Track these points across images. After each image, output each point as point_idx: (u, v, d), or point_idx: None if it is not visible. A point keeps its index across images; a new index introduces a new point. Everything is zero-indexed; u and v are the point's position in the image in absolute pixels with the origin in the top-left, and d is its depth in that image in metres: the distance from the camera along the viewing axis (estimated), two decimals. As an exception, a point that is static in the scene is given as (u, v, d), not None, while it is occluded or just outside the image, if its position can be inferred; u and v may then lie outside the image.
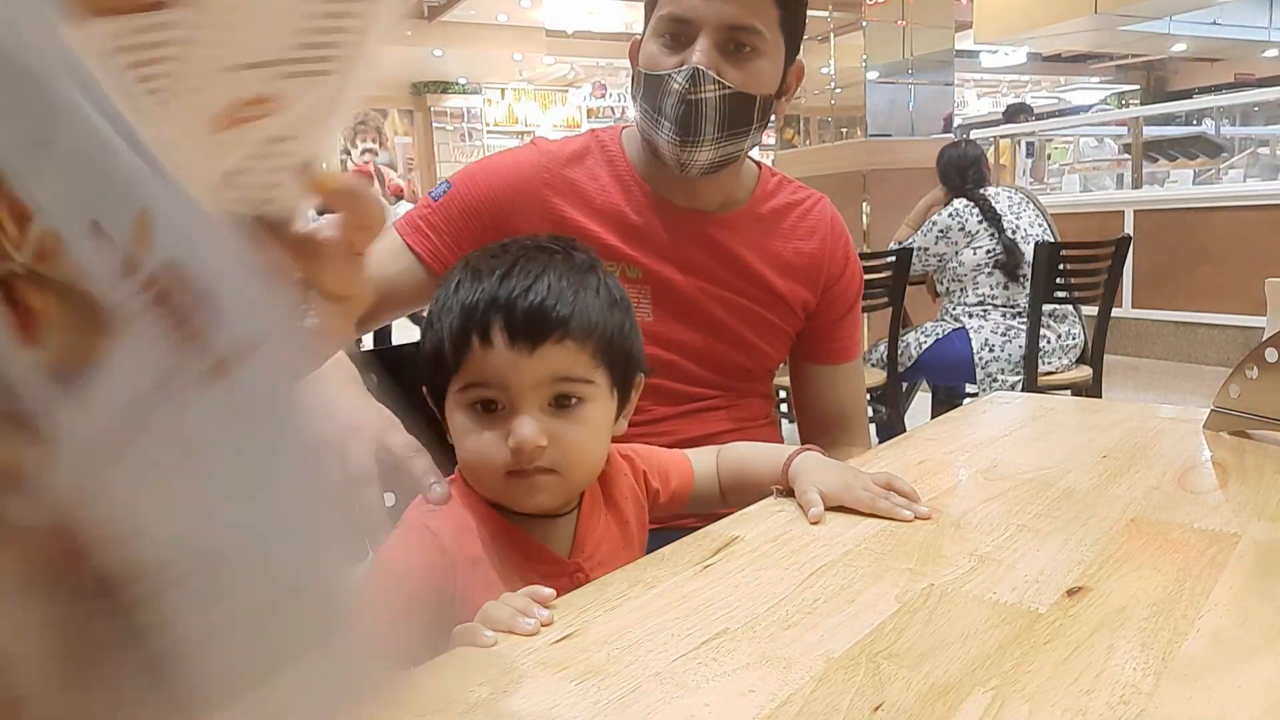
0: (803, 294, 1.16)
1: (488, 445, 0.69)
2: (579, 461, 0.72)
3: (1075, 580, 0.62)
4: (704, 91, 1.00)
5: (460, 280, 0.72)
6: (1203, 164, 6.19)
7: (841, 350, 1.23)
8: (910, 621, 0.57)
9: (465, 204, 1.09)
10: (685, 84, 1.00)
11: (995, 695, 0.48)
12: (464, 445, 0.71)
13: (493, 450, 0.69)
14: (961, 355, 2.94)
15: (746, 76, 1.02)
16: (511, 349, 0.68)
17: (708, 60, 1.00)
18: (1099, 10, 8.10)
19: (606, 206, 1.09)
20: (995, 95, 15.48)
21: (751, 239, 1.13)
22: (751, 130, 1.05)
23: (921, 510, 0.76)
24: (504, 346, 0.68)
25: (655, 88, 1.02)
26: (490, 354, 0.68)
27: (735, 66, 1.01)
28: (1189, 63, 13.75)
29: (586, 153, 1.12)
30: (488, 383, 0.69)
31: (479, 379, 0.69)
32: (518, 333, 0.68)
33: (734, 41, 1.01)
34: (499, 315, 0.68)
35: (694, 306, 1.11)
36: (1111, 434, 1.01)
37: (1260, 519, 0.72)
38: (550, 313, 0.68)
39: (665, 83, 1.01)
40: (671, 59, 1.01)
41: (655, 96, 1.02)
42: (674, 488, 0.86)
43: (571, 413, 0.70)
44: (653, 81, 1.02)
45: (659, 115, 1.03)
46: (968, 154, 3.16)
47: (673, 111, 1.01)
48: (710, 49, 1.00)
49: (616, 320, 0.73)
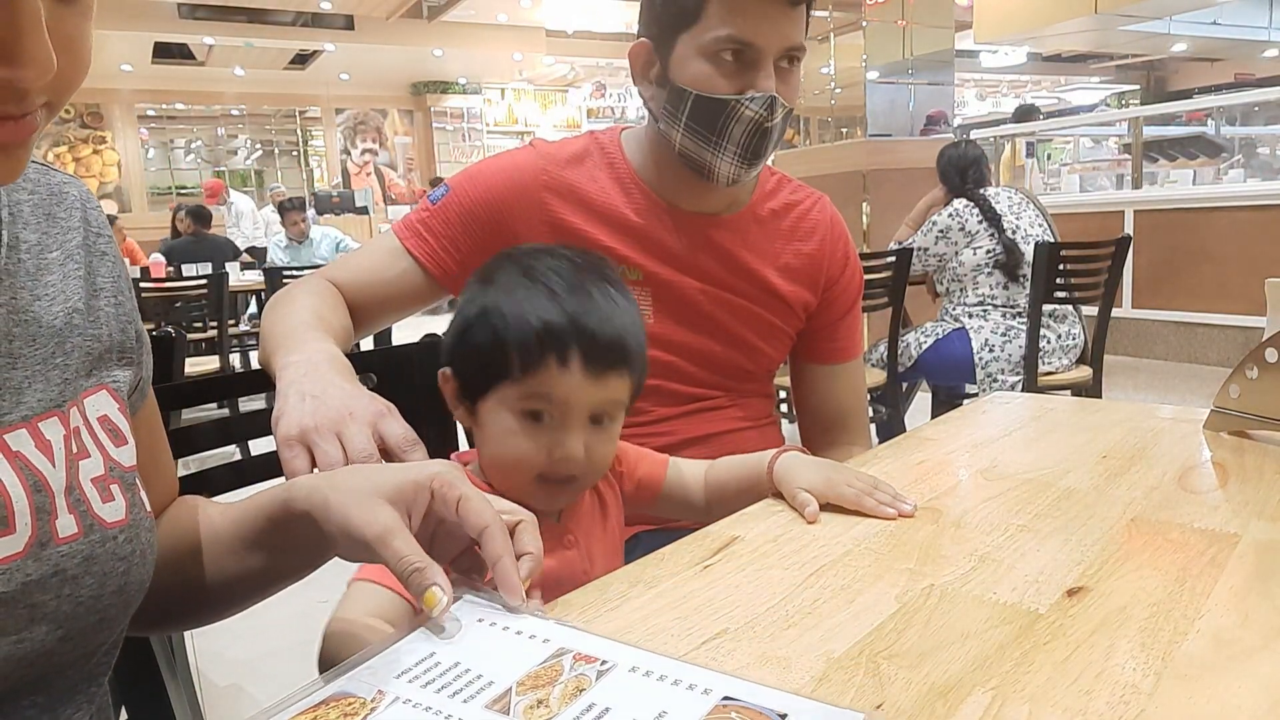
0: (803, 294, 1.16)
1: (528, 449, 0.73)
2: (598, 469, 0.78)
3: (1075, 580, 0.62)
4: (776, 118, 1.01)
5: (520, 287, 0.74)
6: (1203, 164, 6.19)
7: (842, 350, 1.23)
8: (910, 621, 0.57)
9: (463, 207, 1.08)
10: (762, 112, 0.99)
11: (995, 695, 0.48)
12: (503, 444, 0.75)
13: (532, 455, 0.73)
14: (961, 355, 2.94)
15: (792, 92, 1.03)
16: (585, 374, 0.72)
17: (776, 86, 1.00)
18: (1099, 10, 8.10)
19: (606, 208, 1.09)
20: (996, 95, 15.49)
21: (752, 240, 1.13)
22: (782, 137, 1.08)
23: (905, 508, 0.77)
24: (579, 371, 0.72)
25: (718, 111, 1.00)
26: (564, 376, 0.72)
27: (786, 84, 1.02)
28: (1189, 63, 13.76)
29: (586, 155, 1.12)
30: (551, 399, 0.73)
31: (544, 394, 0.72)
32: (594, 362, 0.72)
33: (786, 60, 1.01)
34: (581, 343, 0.72)
35: (694, 308, 1.10)
36: (1111, 434, 1.01)
37: (1260, 519, 0.72)
38: (623, 346, 0.74)
39: (733, 108, 1.00)
40: (733, 83, 1.00)
41: (717, 119, 1.01)
42: (640, 476, 0.88)
43: (603, 428, 0.76)
44: (714, 105, 1.00)
45: (720, 138, 1.01)
46: (968, 154, 3.16)
47: (744, 138, 1.01)
48: (773, 73, 1.00)
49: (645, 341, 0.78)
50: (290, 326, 0.92)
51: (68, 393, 0.55)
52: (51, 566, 0.51)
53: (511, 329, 0.73)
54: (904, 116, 5.46)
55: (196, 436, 0.92)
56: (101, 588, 0.53)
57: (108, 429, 0.57)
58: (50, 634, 0.51)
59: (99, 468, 0.55)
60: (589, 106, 14.20)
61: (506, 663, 0.49)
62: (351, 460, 0.74)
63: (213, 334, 4.37)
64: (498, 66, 12.63)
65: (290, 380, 0.81)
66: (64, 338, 0.56)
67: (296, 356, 0.85)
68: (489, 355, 0.74)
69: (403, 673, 0.48)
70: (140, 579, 0.57)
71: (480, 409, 0.77)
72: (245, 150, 13.49)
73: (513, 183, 1.08)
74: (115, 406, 0.59)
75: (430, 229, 1.09)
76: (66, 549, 0.51)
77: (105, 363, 0.59)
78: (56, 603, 0.51)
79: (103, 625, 0.54)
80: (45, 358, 0.54)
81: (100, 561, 0.53)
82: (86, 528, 0.53)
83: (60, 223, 0.60)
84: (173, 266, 5.88)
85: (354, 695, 0.46)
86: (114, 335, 0.60)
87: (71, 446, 0.54)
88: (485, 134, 13.54)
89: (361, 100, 13.20)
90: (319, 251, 6.11)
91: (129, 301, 0.64)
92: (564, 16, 10.90)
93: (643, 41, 1.07)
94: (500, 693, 0.46)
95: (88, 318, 0.58)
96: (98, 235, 0.62)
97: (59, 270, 0.58)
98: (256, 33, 10.33)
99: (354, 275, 1.08)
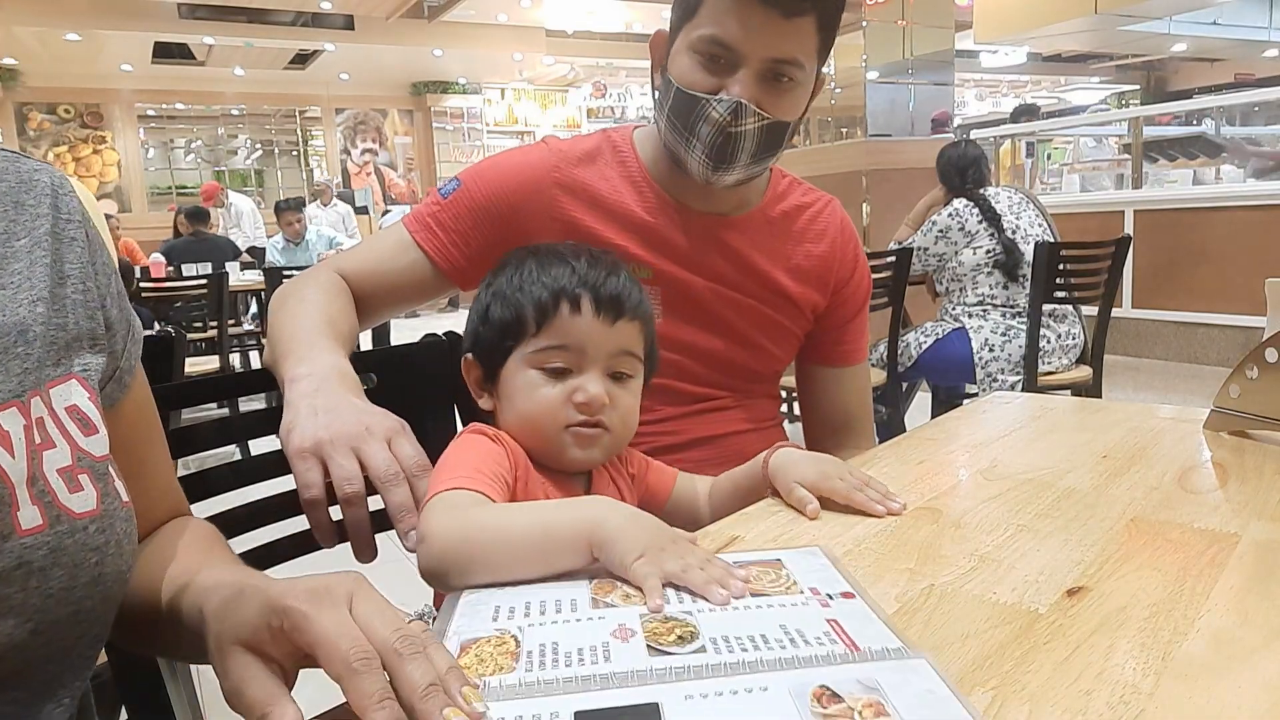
0: (813, 296, 1.16)
1: (554, 400, 0.78)
2: (626, 424, 0.82)
3: (1075, 580, 0.62)
4: (744, 125, 0.98)
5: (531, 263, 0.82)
6: (1202, 164, 6.18)
7: (849, 353, 1.22)
8: (910, 621, 0.57)
9: (474, 202, 1.08)
10: (726, 116, 0.97)
11: (995, 695, 0.48)
12: (531, 398, 0.79)
13: (558, 405, 0.78)
14: (961, 355, 2.94)
15: (784, 106, 1.00)
16: (596, 318, 0.79)
17: (750, 93, 0.97)
18: (1099, 10, 8.10)
19: (618, 207, 1.08)
20: (996, 95, 15.48)
21: (763, 241, 1.13)
22: (780, 150, 1.05)
23: (894, 506, 0.77)
24: (590, 315, 0.79)
25: (690, 108, 0.99)
26: (577, 320, 0.79)
27: (775, 96, 0.99)
28: (1189, 63, 13.75)
29: (598, 153, 1.11)
30: (567, 344, 0.78)
31: (561, 340, 0.78)
32: (604, 306, 0.79)
33: (775, 73, 0.98)
34: (589, 291, 0.79)
35: (704, 308, 1.10)
36: (1111, 434, 1.01)
37: (1260, 519, 0.72)
38: (627, 297, 0.81)
39: (702, 107, 0.98)
40: (709, 82, 0.98)
41: (689, 116, 1.00)
42: (650, 482, 0.91)
43: (624, 384, 0.81)
44: (688, 100, 1.00)
45: (691, 135, 1.01)
46: (968, 154, 3.16)
47: (709, 139, 0.99)
48: (752, 81, 0.97)
49: (652, 312, 0.86)
50: (299, 329, 0.92)
51: (28, 383, 0.54)
52: (14, 559, 0.50)
53: (526, 292, 0.80)
54: (904, 116, 5.46)
55: (196, 436, 0.92)
56: (73, 580, 0.52)
57: (76, 419, 0.56)
58: (19, 627, 0.50)
59: (66, 458, 0.54)
60: (589, 106, 14.18)
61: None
62: (373, 477, 0.73)
63: (213, 334, 4.37)
64: (498, 66, 12.62)
65: (301, 393, 0.82)
66: (26, 326, 0.55)
67: (306, 369, 0.85)
68: (506, 322, 0.80)
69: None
70: (117, 569, 0.56)
71: (502, 379, 0.81)
72: (245, 150, 13.47)
73: (524, 180, 1.08)
74: (85, 395, 0.57)
75: (440, 223, 1.08)
76: (31, 540, 0.50)
77: (73, 350, 0.58)
78: (23, 595, 0.50)
79: (78, 618, 0.53)
80: (5, 348, 0.53)
81: (69, 553, 0.52)
82: (52, 519, 0.52)
83: (29, 210, 0.59)
84: (173, 266, 5.88)
85: (508, 633, 0.53)
86: (81, 323, 0.59)
87: (34, 437, 0.53)
88: (485, 134, 13.52)
89: (361, 100, 13.19)
90: (314, 251, 6.11)
91: (104, 287, 0.62)
92: (564, 16, 10.89)
93: (662, 30, 1.07)
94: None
95: (52, 306, 0.57)
96: (67, 221, 0.61)
97: (25, 258, 0.57)
98: (256, 33, 10.32)
99: (361, 266, 1.08)
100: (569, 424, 0.78)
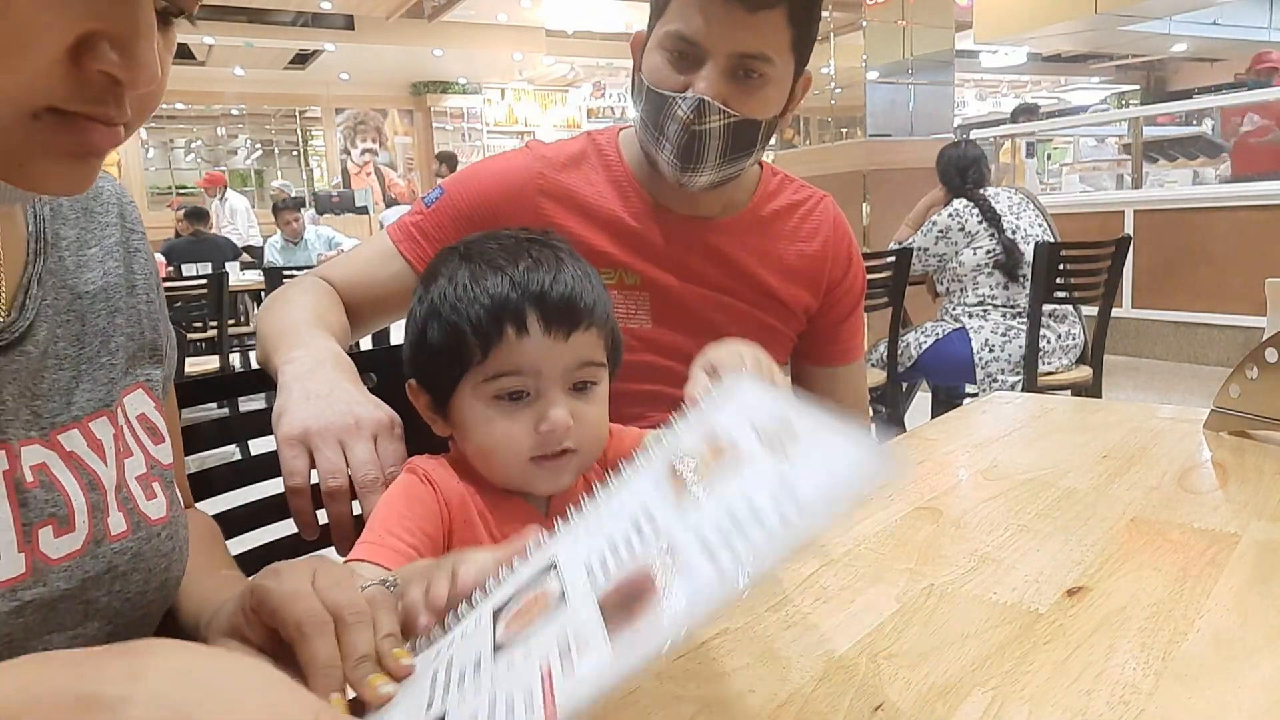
0: (804, 297, 1.14)
1: (515, 434, 0.69)
2: (596, 439, 0.74)
3: (1075, 580, 0.62)
4: (708, 122, 0.96)
5: (463, 272, 0.71)
6: (1202, 164, 6.18)
7: (844, 352, 1.22)
8: (910, 621, 0.57)
9: (457, 210, 1.07)
10: (690, 114, 0.95)
11: (995, 695, 0.48)
12: (489, 434, 0.70)
13: (520, 437, 0.69)
14: (961, 355, 2.94)
15: (754, 104, 0.97)
16: (547, 336, 0.69)
17: (714, 90, 0.95)
18: (1099, 10, 8.10)
19: (603, 213, 1.07)
20: (996, 95, 15.48)
21: (752, 243, 1.11)
22: (755, 150, 1.02)
23: None
24: (539, 334, 0.69)
25: (658, 106, 0.98)
26: (525, 342, 0.68)
27: (744, 93, 0.97)
28: (1189, 63, 13.75)
29: (583, 157, 1.10)
30: (520, 370, 0.69)
31: (511, 368, 0.69)
32: (553, 321, 0.69)
33: (743, 68, 0.96)
34: (534, 305, 0.69)
35: (693, 313, 1.09)
36: (1111, 434, 1.01)
37: (1260, 519, 0.72)
38: (579, 302, 0.70)
39: (669, 105, 0.97)
40: (676, 79, 0.97)
41: (657, 114, 0.98)
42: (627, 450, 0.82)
43: (588, 394, 0.72)
44: (656, 98, 0.98)
45: (660, 134, 0.99)
46: (968, 154, 3.16)
47: (675, 137, 0.97)
48: (718, 77, 0.95)
49: (609, 302, 0.76)
50: (289, 324, 0.91)
51: (115, 392, 0.55)
52: (105, 563, 0.51)
53: (462, 313, 0.70)
54: (904, 116, 5.46)
55: (196, 436, 0.92)
56: (146, 584, 0.54)
57: (146, 427, 0.58)
58: (101, 630, 0.51)
59: (141, 466, 0.56)
60: (589, 106, 14.18)
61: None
62: (354, 477, 0.73)
63: (213, 334, 4.38)
64: (498, 66, 12.62)
65: (294, 375, 0.80)
66: (108, 336, 0.56)
67: (299, 352, 0.84)
68: (447, 347, 0.71)
69: None
70: (178, 575, 0.57)
71: (453, 408, 0.73)
72: (245, 150, 13.48)
73: (506, 186, 1.07)
74: (151, 405, 0.59)
75: (423, 232, 1.07)
76: (118, 546, 0.52)
77: (140, 361, 0.59)
78: (108, 599, 0.52)
79: (145, 621, 0.55)
80: (91, 357, 0.54)
81: (146, 558, 0.54)
82: (134, 525, 0.53)
83: (98, 218, 0.60)
84: (173, 266, 5.88)
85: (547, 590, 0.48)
86: (147, 334, 0.60)
87: (120, 446, 0.54)
88: (485, 134, 13.53)
89: (361, 100, 13.19)
90: (314, 251, 6.11)
91: (159, 299, 0.64)
92: (564, 16, 10.89)
93: (641, 31, 1.06)
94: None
95: (128, 316, 0.58)
96: (132, 232, 0.62)
97: (99, 267, 0.58)
98: (256, 33, 10.33)
99: (347, 275, 1.07)
100: (533, 455, 0.70)
